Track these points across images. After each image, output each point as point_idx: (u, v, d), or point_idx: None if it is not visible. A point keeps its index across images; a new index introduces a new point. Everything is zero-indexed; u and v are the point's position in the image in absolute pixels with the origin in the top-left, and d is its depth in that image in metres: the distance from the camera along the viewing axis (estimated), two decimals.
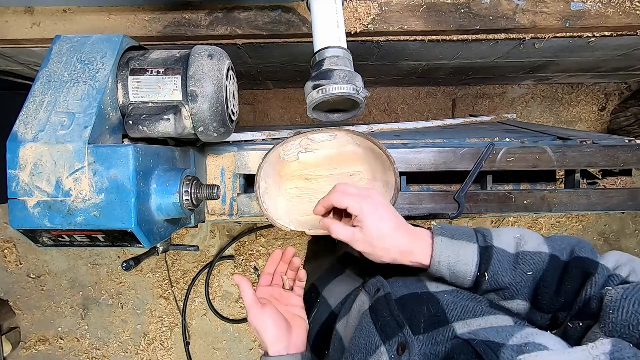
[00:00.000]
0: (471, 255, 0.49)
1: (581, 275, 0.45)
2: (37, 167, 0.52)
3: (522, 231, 0.51)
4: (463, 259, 0.49)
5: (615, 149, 0.79)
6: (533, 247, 0.48)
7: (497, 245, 0.49)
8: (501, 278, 0.47)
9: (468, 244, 0.50)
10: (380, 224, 0.52)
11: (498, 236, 0.50)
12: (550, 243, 0.49)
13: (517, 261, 0.48)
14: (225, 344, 1.95)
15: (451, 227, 0.53)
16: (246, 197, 0.81)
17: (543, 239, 0.50)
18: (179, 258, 1.94)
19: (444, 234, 0.51)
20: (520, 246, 0.49)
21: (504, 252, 0.48)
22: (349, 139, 0.76)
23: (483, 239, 0.50)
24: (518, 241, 0.49)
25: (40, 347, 1.94)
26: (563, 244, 0.48)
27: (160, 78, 0.60)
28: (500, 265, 0.48)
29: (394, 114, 1.91)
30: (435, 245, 0.51)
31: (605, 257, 0.46)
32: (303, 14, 0.93)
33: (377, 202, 0.54)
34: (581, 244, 0.48)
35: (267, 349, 0.55)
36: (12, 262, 1.92)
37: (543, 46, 1.07)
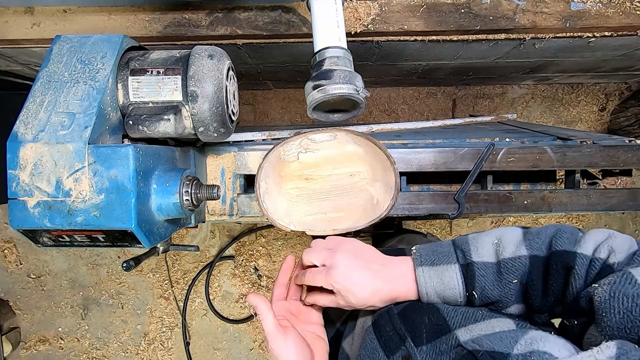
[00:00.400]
0: (454, 278, 0.48)
1: (562, 270, 0.43)
2: (37, 167, 0.52)
3: (499, 233, 0.50)
4: (448, 284, 0.48)
5: (615, 149, 0.79)
6: (511, 251, 0.46)
7: (477, 260, 0.48)
8: (489, 292, 0.47)
9: (449, 267, 0.49)
10: (354, 289, 0.51)
11: (476, 248, 0.49)
12: (528, 242, 0.47)
13: (499, 271, 0.46)
14: (225, 344, 1.95)
15: (429, 250, 0.52)
16: (246, 197, 0.81)
17: (521, 237, 0.48)
18: (179, 258, 1.94)
19: (423, 263, 0.50)
20: (499, 253, 0.47)
21: (485, 264, 0.47)
22: (349, 139, 0.76)
23: (462, 255, 0.49)
24: (496, 247, 0.48)
25: (40, 347, 1.94)
26: (541, 239, 0.46)
27: (160, 78, 0.60)
28: (486, 280, 0.47)
29: (394, 114, 1.91)
30: (418, 279, 0.50)
31: (584, 241, 0.43)
32: (303, 14, 0.93)
33: (342, 270, 0.52)
34: (559, 233, 0.45)
35: None
36: (12, 262, 1.92)
37: (543, 46, 1.07)
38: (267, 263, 1.94)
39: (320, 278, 0.53)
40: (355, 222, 0.75)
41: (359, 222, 0.75)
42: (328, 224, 0.76)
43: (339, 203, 0.76)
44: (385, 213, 0.74)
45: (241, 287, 1.94)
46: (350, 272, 0.52)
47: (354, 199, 0.76)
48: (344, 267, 0.52)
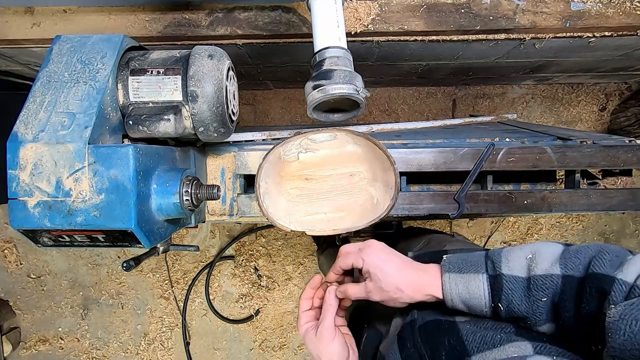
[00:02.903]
0: (481, 288, 0.48)
1: (597, 294, 0.41)
2: (37, 167, 0.52)
3: (535, 248, 0.48)
4: (474, 293, 0.49)
5: (615, 149, 0.79)
6: (544, 268, 0.45)
7: (506, 273, 0.47)
8: (516, 307, 0.46)
9: (476, 276, 0.49)
10: (384, 266, 0.54)
11: (507, 260, 0.48)
12: (564, 260, 0.45)
13: (529, 287, 0.46)
14: (225, 344, 1.95)
15: (459, 259, 0.53)
16: (246, 197, 0.81)
17: (558, 255, 0.46)
18: (179, 258, 1.94)
19: (451, 270, 0.51)
20: (531, 269, 0.46)
21: (514, 278, 0.47)
22: (349, 139, 0.76)
23: (492, 266, 0.49)
24: (529, 262, 0.47)
25: (40, 347, 1.94)
26: (579, 258, 0.44)
27: (160, 78, 0.60)
28: (513, 294, 0.46)
29: (394, 114, 1.91)
30: (444, 283, 0.51)
31: (627, 265, 0.41)
32: (303, 14, 0.93)
33: (375, 249, 0.56)
34: (600, 254, 0.43)
35: None
36: (12, 262, 1.92)
37: (543, 46, 1.07)
38: (267, 263, 1.94)
39: (352, 256, 0.57)
40: (355, 222, 0.75)
41: (359, 222, 0.75)
42: (328, 224, 0.76)
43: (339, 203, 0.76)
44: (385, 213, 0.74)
45: (241, 287, 1.94)
46: (381, 252, 0.56)
47: (354, 199, 0.76)
48: (377, 248, 0.56)
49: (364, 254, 0.56)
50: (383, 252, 0.56)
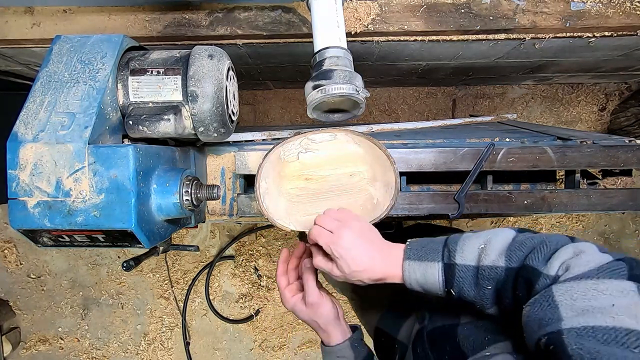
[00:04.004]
0: (436, 275, 0.53)
1: (526, 285, 0.45)
2: (37, 167, 0.52)
3: (489, 236, 0.52)
4: (430, 280, 0.53)
5: (615, 149, 0.79)
6: (492, 259, 0.49)
7: (459, 262, 0.51)
8: (466, 293, 0.51)
9: (432, 264, 0.53)
10: (350, 262, 0.57)
11: (462, 250, 0.52)
12: (509, 252, 0.49)
13: (477, 276, 0.50)
14: (225, 344, 1.95)
15: (420, 246, 0.57)
16: (246, 197, 0.81)
17: (506, 246, 0.49)
18: (179, 258, 1.94)
19: (411, 257, 0.55)
20: (481, 259, 0.50)
21: (466, 267, 0.51)
22: (349, 139, 0.76)
23: (448, 255, 0.53)
24: (480, 252, 0.51)
25: (40, 347, 1.94)
26: (522, 251, 0.48)
27: (160, 78, 0.60)
28: (464, 282, 0.51)
29: (394, 114, 1.91)
30: (404, 270, 0.55)
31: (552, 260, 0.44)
32: (303, 14, 0.93)
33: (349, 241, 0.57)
34: (539, 247, 0.46)
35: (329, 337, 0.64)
36: (12, 262, 1.92)
37: (543, 46, 1.07)
38: (267, 263, 1.94)
39: (324, 240, 0.59)
40: None
41: None
42: None
43: (338, 203, 0.76)
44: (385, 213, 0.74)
45: (241, 287, 1.94)
46: (351, 247, 0.57)
47: (354, 199, 0.76)
48: (348, 241, 0.57)
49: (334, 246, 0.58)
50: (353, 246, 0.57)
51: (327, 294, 0.66)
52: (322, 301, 0.63)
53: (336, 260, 0.58)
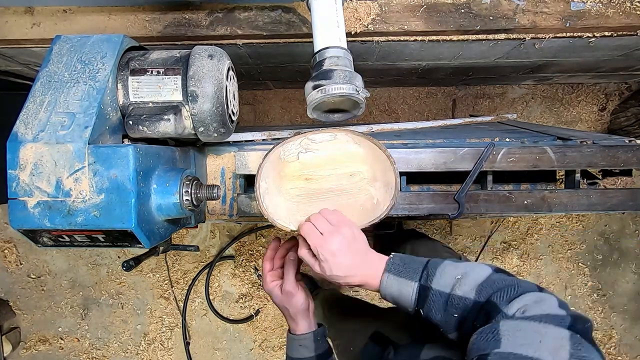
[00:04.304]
0: (410, 293, 0.57)
1: (484, 317, 0.49)
2: (37, 167, 0.52)
3: (467, 270, 0.55)
4: (404, 295, 0.57)
5: (615, 149, 0.79)
6: (464, 291, 0.53)
7: (434, 287, 0.55)
8: (433, 316, 0.55)
9: (410, 282, 0.57)
10: (334, 267, 0.60)
11: (440, 276, 0.56)
12: (481, 288, 0.52)
13: (447, 303, 0.54)
14: (225, 344, 1.95)
15: (402, 262, 0.60)
16: (246, 197, 0.81)
17: (480, 282, 0.53)
18: (179, 258, 1.94)
19: (391, 271, 0.59)
20: (455, 288, 0.54)
21: (439, 293, 0.54)
22: (349, 139, 0.76)
23: (426, 277, 0.57)
24: (456, 282, 0.54)
25: (40, 347, 1.94)
26: (492, 289, 0.51)
27: (160, 78, 0.60)
28: (434, 305, 0.55)
29: (394, 114, 1.91)
30: (382, 282, 0.59)
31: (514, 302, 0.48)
32: (303, 14, 0.93)
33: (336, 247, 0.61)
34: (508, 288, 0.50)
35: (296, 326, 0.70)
36: (12, 262, 1.91)
37: (543, 46, 1.07)
38: None
39: (313, 240, 0.62)
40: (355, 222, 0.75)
41: (359, 222, 0.75)
42: None
43: (339, 203, 0.76)
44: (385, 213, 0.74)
45: (241, 287, 1.94)
46: (337, 253, 0.61)
47: (354, 199, 0.76)
48: (335, 247, 0.61)
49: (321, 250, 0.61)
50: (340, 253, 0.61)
51: (303, 288, 0.72)
52: (296, 292, 0.70)
53: (320, 261, 0.62)
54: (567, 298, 1.95)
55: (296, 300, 0.70)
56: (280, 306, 0.72)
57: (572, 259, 1.95)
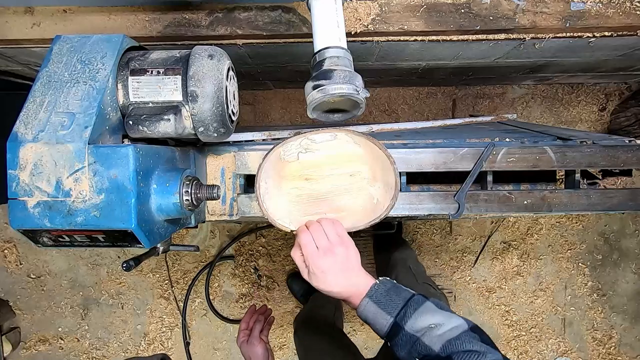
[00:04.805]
0: (384, 325, 0.60)
1: None
2: (37, 167, 0.52)
3: (443, 321, 0.56)
4: (378, 324, 0.61)
5: (615, 149, 0.79)
6: (431, 341, 0.55)
7: (406, 329, 0.58)
8: (398, 352, 0.59)
9: (386, 316, 0.60)
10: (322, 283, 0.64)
11: (416, 319, 0.58)
12: (448, 343, 0.54)
13: (412, 346, 0.56)
14: (225, 344, 1.95)
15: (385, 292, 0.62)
16: (246, 197, 0.81)
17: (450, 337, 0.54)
18: (179, 258, 1.94)
19: (372, 298, 0.62)
20: (424, 335, 0.56)
21: (409, 335, 0.57)
22: (349, 139, 0.76)
23: (403, 315, 0.59)
24: (428, 329, 0.56)
25: (40, 347, 1.94)
26: (458, 348, 0.53)
27: (160, 78, 0.60)
28: (401, 343, 0.58)
29: (394, 114, 1.91)
30: (361, 304, 0.63)
31: None
32: (303, 14, 0.93)
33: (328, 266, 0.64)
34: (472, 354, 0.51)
35: None
36: (12, 262, 1.92)
37: (543, 46, 1.07)
38: (267, 263, 1.94)
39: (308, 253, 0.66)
40: (356, 222, 0.75)
41: (359, 222, 0.75)
42: None
43: (339, 203, 0.76)
44: (385, 213, 0.74)
45: (241, 287, 1.94)
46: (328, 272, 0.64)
47: (354, 199, 0.76)
48: (327, 266, 0.64)
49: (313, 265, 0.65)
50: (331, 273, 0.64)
51: (264, 343, 0.89)
52: (257, 344, 0.88)
53: (309, 272, 0.66)
54: (567, 298, 1.95)
55: (256, 350, 0.87)
56: (245, 356, 0.90)
57: (572, 259, 1.95)
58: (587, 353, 1.96)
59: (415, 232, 1.95)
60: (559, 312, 1.95)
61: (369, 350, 1.92)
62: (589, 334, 1.96)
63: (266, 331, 0.94)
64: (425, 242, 1.94)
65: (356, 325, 1.92)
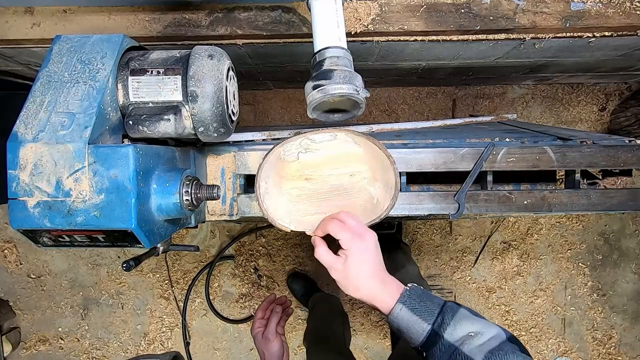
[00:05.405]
0: (420, 334, 0.56)
1: None
2: (37, 167, 0.52)
3: (484, 330, 0.54)
4: (413, 333, 0.56)
5: (615, 149, 0.79)
6: (472, 352, 0.52)
7: (445, 337, 0.54)
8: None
9: (422, 323, 0.56)
10: (361, 265, 0.60)
11: (454, 328, 0.54)
12: (490, 354, 0.51)
13: (451, 355, 0.53)
14: (225, 344, 1.95)
15: (419, 297, 0.58)
16: (246, 197, 0.81)
17: (491, 347, 0.52)
18: (179, 258, 1.94)
19: (406, 303, 0.58)
20: (464, 344, 0.53)
21: (448, 344, 0.54)
22: (349, 139, 0.76)
23: (440, 323, 0.55)
24: (467, 337, 0.53)
25: (40, 347, 1.94)
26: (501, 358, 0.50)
27: (160, 78, 0.60)
28: (439, 353, 0.54)
29: (394, 114, 1.91)
30: (394, 310, 0.58)
31: None
32: (303, 14, 0.93)
33: (367, 245, 0.60)
34: None
35: None
36: (12, 262, 1.92)
37: (543, 46, 1.07)
38: (267, 263, 1.94)
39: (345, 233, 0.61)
40: None
41: None
42: None
43: (339, 203, 0.76)
44: (385, 213, 0.74)
45: (241, 287, 1.94)
46: (367, 251, 0.60)
47: (354, 199, 0.76)
48: (367, 244, 0.61)
49: (355, 243, 0.60)
50: (369, 253, 0.60)
51: (280, 338, 0.83)
52: (273, 339, 0.81)
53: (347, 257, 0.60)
54: (567, 298, 1.95)
55: (272, 346, 0.81)
56: (259, 349, 0.83)
57: (572, 259, 1.95)
58: (587, 353, 1.96)
59: (415, 232, 1.95)
60: (559, 312, 1.95)
61: (369, 351, 1.93)
62: (589, 334, 1.96)
63: (283, 322, 0.87)
64: (425, 242, 1.94)
65: (356, 325, 1.92)
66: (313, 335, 1.38)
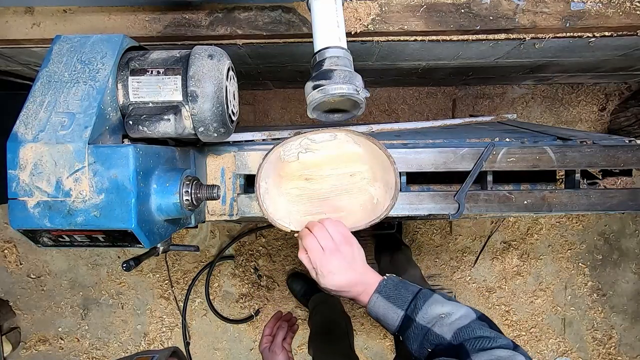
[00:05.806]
0: (395, 320, 0.61)
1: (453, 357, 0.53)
2: (37, 167, 0.52)
3: (453, 310, 0.57)
4: (389, 319, 0.61)
5: (615, 149, 0.79)
6: (443, 331, 0.56)
7: (417, 320, 0.59)
8: (410, 345, 0.59)
9: (396, 310, 0.61)
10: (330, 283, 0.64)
11: (426, 311, 0.59)
12: (459, 332, 0.55)
13: (424, 337, 0.57)
14: (225, 344, 1.95)
15: (394, 286, 0.63)
16: (246, 197, 0.81)
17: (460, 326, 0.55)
18: (179, 258, 1.94)
19: (381, 293, 0.63)
20: (435, 324, 0.57)
21: (420, 327, 0.58)
22: (349, 139, 0.76)
23: (412, 308, 0.60)
24: (437, 319, 0.57)
25: (40, 347, 1.94)
26: (470, 335, 0.54)
27: (160, 78, 0.60)
28: (412, 336, 0.59)
29: (394, 114, 1.91)
30: (371, 301, 0.63)
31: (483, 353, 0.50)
32: (303, 14, 0.93)
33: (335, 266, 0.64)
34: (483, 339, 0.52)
35: None
36: (12, 262, 1.91)
37: (543, 46, 1.07)
38: (267, 263, 1.94)
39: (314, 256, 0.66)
40: (356, 222, 0.75)
41: (359, 222, 0.75)
42: None
43: (339, 203, 0.76)
44: (385, 213, 0.74)
45: (241, 287, 1.94)
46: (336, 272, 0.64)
47: (354, 199, 0.76)
48: (335, 266, 0.64)
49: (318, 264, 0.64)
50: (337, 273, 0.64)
51: (286, 352, 0.89)
52: (279, 352, 0.88)
53: (317, 274, 0.65)
54: (567, 298, 1.95)
55: (278, 359, 0.87)
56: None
57: (572, 259, 1.95)
58: (587, 353, 1.96)
59: (415, 232, 1.95)
60: (559, 312, 1.95)
61: (369, 351, 1.92)
62: (589, 334, 1.96)
63: (289, 339, 0.93)
64: (425, 242, 1.94)
65: (356, 325, 1.92)
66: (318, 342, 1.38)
